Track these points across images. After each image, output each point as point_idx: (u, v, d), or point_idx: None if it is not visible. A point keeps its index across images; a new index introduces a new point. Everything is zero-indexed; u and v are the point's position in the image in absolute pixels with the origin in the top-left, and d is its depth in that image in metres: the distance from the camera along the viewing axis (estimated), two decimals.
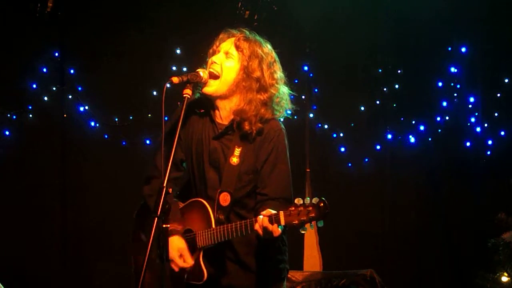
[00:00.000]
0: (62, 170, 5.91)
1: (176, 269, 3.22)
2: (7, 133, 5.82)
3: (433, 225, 6.29)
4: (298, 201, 2.89)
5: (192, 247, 3.26)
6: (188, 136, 3.38)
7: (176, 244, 3.22)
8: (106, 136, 5.99)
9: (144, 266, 2.81)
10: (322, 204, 2.85)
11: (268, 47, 3.33)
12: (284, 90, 3.34)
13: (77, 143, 5.96)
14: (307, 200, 2.89)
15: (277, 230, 2.93)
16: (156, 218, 2.83)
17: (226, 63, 3.25)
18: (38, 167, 5.86)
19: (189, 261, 3.22)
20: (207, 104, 3.34)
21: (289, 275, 5.34)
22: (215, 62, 3.26)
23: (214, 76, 3.24)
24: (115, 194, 5.75)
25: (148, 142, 5.93)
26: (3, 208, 5.67)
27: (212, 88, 3.25)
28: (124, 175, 5.72)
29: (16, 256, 5.65)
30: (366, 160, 6.34)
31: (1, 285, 4.47)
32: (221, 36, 3.33)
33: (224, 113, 3.31)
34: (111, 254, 5.68)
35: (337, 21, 6.09)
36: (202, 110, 3.37)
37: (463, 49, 6.16)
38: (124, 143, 5.99)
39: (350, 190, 6.24)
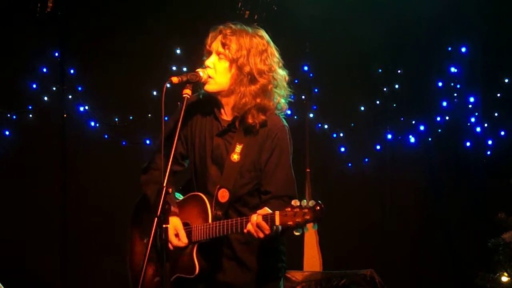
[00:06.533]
0: (62, 170, 5.91)
1: (171, 247, 3.21)
2: (7, 133, 5.81)
3: (433, 225, 6.29)
4: (295, 202, 2.90)
5: (188, 240, 3.26)
6: (192, 132, 3.38)
7: (173, 223, 3.21)
8: (106, 136, 5.99)
9: (144, 266, 2.81)
10: (318, 208, 2.86)
11: (257, 36, 3.28)
12: (280, 75, 3.31)
13: (77, 143, 5.95)
14: (304, 202, 2.89)
15: (267, 228, 2.94)
16: (156, 218, 2.84)
17: (218, 64, 3.25)
18: (38, 167, 5.86)
19: (184, 240, 3.22)
20: (212, 101, 3.35)
21: (289, 275, 5.36)
22: (208, 67, 3.25)
23: (211, 79, 3.25)
24: (115, 194, 5.75)
25: (148, 142, 5.93)
26: (3, 208, 5.67)
27: (212, 86, 3.26)
28: (124, 175, 5.71)
29: (16, 256, 5.65)
30: (366, 160, 6.34)
31: (1, 285, 4.47)
32: (210, 34, 3.31)
33: (228, 109, 3.32)
34: (111, 254, 5.65)
35: (337, 21, 6.09)
36: (207, 108, 3.37)
37: (463, 49, 6.16)
38: (124, 143, 5.99)
39: (350, 190, 6.24)
